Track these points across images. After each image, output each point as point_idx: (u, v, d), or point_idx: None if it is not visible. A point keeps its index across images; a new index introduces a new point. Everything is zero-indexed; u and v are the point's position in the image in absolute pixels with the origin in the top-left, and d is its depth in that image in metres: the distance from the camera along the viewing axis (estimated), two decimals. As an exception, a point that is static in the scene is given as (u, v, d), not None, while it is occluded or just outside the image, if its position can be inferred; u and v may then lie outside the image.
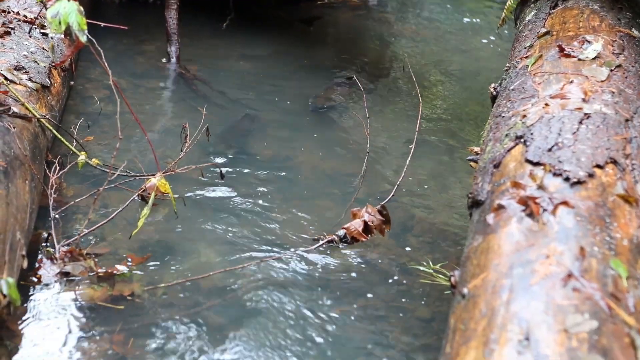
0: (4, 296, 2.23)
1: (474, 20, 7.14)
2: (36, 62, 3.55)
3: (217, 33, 5.76)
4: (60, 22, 2.56)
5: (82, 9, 2.59)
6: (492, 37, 6.24)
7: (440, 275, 3.05)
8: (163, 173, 3.10)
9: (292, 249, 3.16)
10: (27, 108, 3.11)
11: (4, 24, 3.80)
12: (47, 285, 2.75)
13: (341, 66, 5.40)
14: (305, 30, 6.23)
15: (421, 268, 3.12)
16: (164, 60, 5.02)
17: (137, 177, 3.28)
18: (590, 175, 2.30)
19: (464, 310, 2.00)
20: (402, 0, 7.58)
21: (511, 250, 2.07)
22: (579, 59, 3.00)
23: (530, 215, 2.17)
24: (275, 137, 4.24)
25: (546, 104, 2.70)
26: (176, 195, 3.13)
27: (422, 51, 6.02)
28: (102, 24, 2.97)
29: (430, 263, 3.13)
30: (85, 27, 2.59)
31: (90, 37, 2.66)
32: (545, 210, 2.17)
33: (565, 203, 2.18)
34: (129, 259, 2.94)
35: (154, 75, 4.91)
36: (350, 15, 6.88)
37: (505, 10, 4.26)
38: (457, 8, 7.50)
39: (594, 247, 2.03)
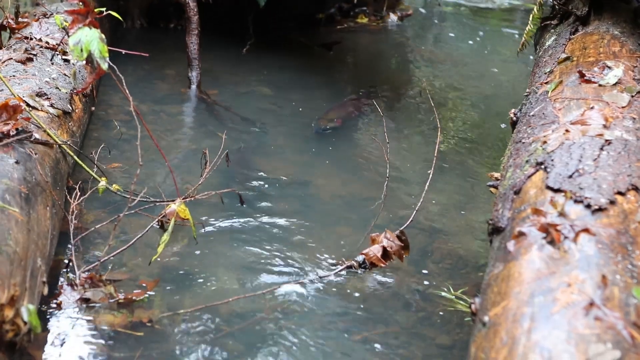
0: (25, 323, 2.24)
1: (494, 44, 7.15)
2: (58, 88, 3.57)
3: (237, 58, 5.80)
4: (82, 50, 2.58)
5: (103, 36, 2.61)
6: (511, 62, 6.24)
7: (461, 302, 3.03)
8: (183, 199, 3.12)
9: (311, 275, 3.16)
10: (48, 134, 3.13)
11: (26, 50, 3.84)
12: (67, 311, 2.75)
13: (360, 90, 5.41)
14: (325, 55, 6.25)
15: (442, 294, 3.10)
16: (184, 87, 5.06)
17: (157, 203, 3.29)
18: (612, 202, 2.28)
19: (485, 338, 1.99)
20: (421, 23, 7.61)
21: (532, 278, 2.06)
22: (600, 85, 2.99)
23: (551, 242, 2.16)
24: (295, 161, 4.25)
25: (567, 130, 2.69)
26: (196, 221, 3.14)
27: (441, 75, 6.03)
28: (124, 51, 2.99)
29: (451, 289, 3.11)
30: (107, 55, 2.62)
31: (111, 63, 2.68)
32: (566, 237, 2.15)
33: (586, 230, 2.16)
34: (143, 284, 2.94)
35: (175, 101, 4.94)
36: (370, 39, 6.91)
37: (525, 35, 4.26)
38: (476, 32, 7.52)
39: (615, 275, 2.01)
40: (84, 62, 2.70)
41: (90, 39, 2.56)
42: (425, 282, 3.19)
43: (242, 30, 6.09)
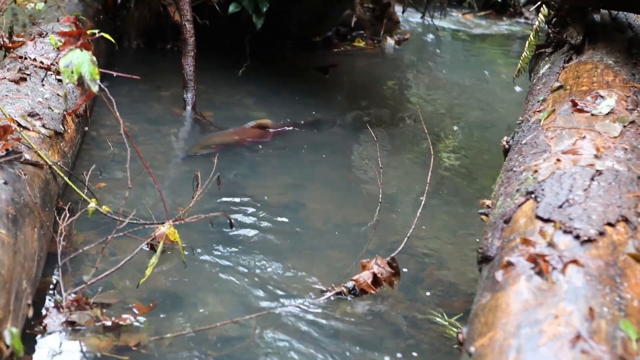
0: (7, 347, 2.21)
1: (490, 70, 7.17)
2: (50, 108, 3.57)
3: (233, 80, 5.80)
4: (72, 72, 2.57)
5: (94, 59, 2.60)
6: (507, 88, 6.25)
7: (454, 329, 3.01)
8: (172, 221, 3.10)
9: (300, 300, 3.14)
10: (39, 155, 3.12)
11: (20, 70, 3.83)
12: (52, 334, 2.73)
13: (355, 114, 5.41)
14: (321, 78, 6.26)
15: (434, 320, 3.08)
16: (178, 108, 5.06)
17: (147, 226, 3.27)
18: (601, 234, 2.27)
19: (471, 369, 1.97)
20: (418, 48, 7.63)
21: (519, 309, 2.04)
22: (592, 114, 2.99)
23: (540, 273, 2.14)
24: (288, 184, 4.24)
25: (558, 160, 2.68)
26: (185, 245, 3.12)
27: (437, 100, 6.04)
28: (115, 74, 2.98)
29: (445, 315, 3.09)
30: (98, 77, 2.60)
31: (102, 86, 2.67)
32: (554, 268, 2.14)
33: (575, 262, 2.15)
34: (135, 309, 2.92)
35: (169, 122, 4.94)
36: (366, 63, 6.92)
37: (520, 61, 4.25)
38: (473, 57, 7.54)
39: (603, 307, 1.99)
40: (76, 83, 2.69)
41: (81, 61, 2.55)
42: (415, 310, 3.17)
43: (239, 52, 6.10)
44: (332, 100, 5.81)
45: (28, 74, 3.79)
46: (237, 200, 3.97)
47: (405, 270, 3.30)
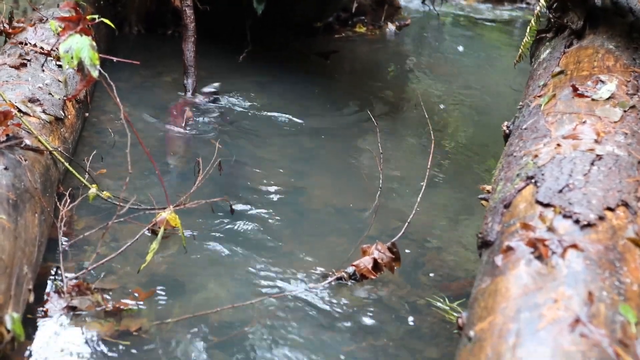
0: (8, 331, 2.22)
1: (491, 55, 7.15)
2: (51, 94, 3.57)
3: (233, 65, 5.79)
4: (72, 57, 2.57)
5: (94, 44, 2.60)
6: (509, 73, 6.23)
7: (454, 314, 3.02)
8: (173, 207, 3.10)
9: (301, 285, 3.14)
10: (39, 140, 3.12)
11: (20, 55, 3.83)
12: (53, 319, 2.74)
13: (356, 100, 5.41)
14: (322, 64, 6.25)
15: (437, 304, 3.09)
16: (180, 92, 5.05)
17: (148, 211, 3.28)
18: (601, 218, 2.27)
19: (470, 353, 1.98)
20: (419, 34, 7.62)
21: (519, 294, 2.04)
22: (593, 99, 2.98)
23: (539, 257, 2.14)
24: (288, 170, 4.24)
25: (558, 144, 2.68)
26: (186, 230, 3.12)
27: (438, 86, 6.03)
28: (115, 59, 2.97)
29: (447, 300, 3.10)
30: (98, 62, 2.61)
31: (102, 71, 2.67)
32: (554, 253, 2.14)
33: (574, 246, 2.15)
34: (136, 294, 2.93)
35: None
36: (367, 49, 6.91)
37: (522, 46, 4.24)
38: (474, 43, 7.52)
39: (602, 291, 2.00)
40: (76, 69, 2.70)
41: (80, 47, 2.55)
42: (416, 295, 3.17)
43: (239, 37, 6.09)
44: (333, 86, 5.80)
45: (28, 60, 3.79)
46: (238, 185, 3.97)
47: (405, 254, 3.30)
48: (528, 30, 4.03)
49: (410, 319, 3.03)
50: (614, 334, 1.88)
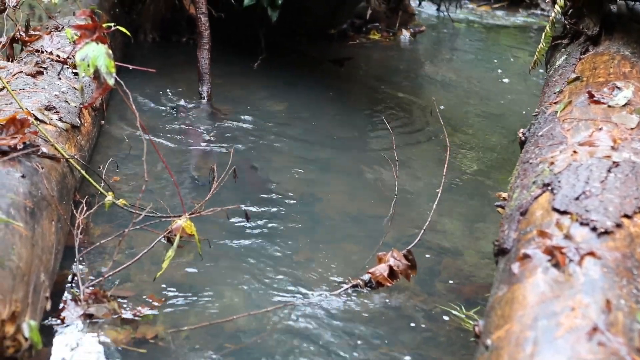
0: (26, 339, 2.23)
1: (506, 61, 7.14)
2: (67, 102, 3.58)
3: (248, 73, 5.81)
4: (89, 65, 2.58)
5: (110, 52, 2.61)
6: (524, 80, 6.23)
7: (471, 322, 3.01)
8: (189, 215, 3.11)
9: (317, 293, 3.14)
10: (56, 148, 3.13)
11: (37, 63, 3.85)
12: (70, 326, 2.75)
13: (371, 107, 5.41)
14: (337, 71, 6.25)
15: (451, 313, 3.08)
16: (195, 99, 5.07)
17: (164, 219, 3.28)
18: (618, 226, 2.26)
19: (487, 362, 1.97)
20: (434, 40, 7.61)
21: (536, 302, 2.04)
22: (609, 106, 2.98)
23: (556, 265, 2.14)
24: (303, 177, 4.24)
25: (574, 151, 2.67)
26: (202, 237, 3.13)
27: (453, 92, 6.02)
28: (131, 67, 2.98)
29: (463, 308, 3.08)
30: (114, 70, 2.61)
31: (118, 79, 2.68)
32: (571, 260, 2.13)
33: (591, 254, 2.14)
34: (150, 300, 2.93)
35: (186, 115, 4.94)
36: (382, 55, 6.91)
37: (537, 53, 4.23)
38: (489, 49, 7.51)
39: (620, 299, 1.99)
40: (92, 77, 2.71)
41: (97, 54, 2.56)
42: (432, 302, 3.16)
43: (254, 44, 6.10)
44: (347, 93, 5.80)
45: (45, 68, 3.81)
46: (253, 192, 3.97)
47: (421, 262, 3.29)
48: (543, 36, 4.02)
49: (426, 326, 3.02)
50: (631, 342, 1.87)
